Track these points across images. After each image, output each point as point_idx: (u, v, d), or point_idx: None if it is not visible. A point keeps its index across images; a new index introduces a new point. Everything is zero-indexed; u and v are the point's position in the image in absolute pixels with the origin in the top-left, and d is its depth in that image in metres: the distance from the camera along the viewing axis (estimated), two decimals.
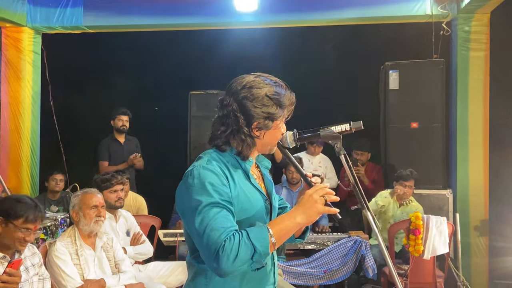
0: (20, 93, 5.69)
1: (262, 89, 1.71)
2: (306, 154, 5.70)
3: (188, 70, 6.13)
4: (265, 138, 1.76)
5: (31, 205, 2.72)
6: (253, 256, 1.56)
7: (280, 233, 1.62)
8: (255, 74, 1.77)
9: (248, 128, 1.72)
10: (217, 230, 1.55)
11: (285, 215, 1.66)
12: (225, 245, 1.53)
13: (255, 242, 1.56)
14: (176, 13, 5.51)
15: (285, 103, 1.74)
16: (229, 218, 1.60)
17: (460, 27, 5.04)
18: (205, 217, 1.58)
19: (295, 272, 4.20)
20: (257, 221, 1.72)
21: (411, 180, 4.65)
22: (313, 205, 1.64)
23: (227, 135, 1.73)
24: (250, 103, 1.70)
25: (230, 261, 1.52)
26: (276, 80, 1.77)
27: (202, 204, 1.59)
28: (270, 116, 1.72)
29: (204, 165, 1.67)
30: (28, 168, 5.73)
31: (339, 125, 1.90)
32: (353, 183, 1.88)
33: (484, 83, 5.00)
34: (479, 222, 4.98)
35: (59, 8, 5.54)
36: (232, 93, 1.74)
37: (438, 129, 5.07)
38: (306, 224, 1.69)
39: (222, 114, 1.75)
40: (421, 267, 4.09)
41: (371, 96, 5.62)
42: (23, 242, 2.69)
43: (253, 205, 1.72)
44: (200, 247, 1.61)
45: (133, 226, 4.06)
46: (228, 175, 1.69)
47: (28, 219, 2.66)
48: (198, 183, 1.63)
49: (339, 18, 5.37)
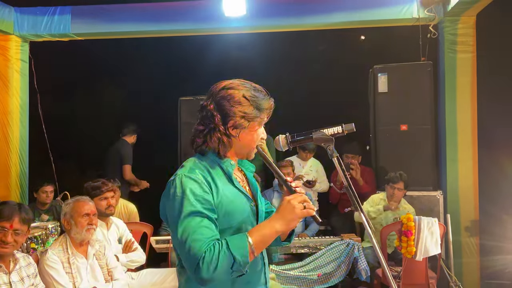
0: (8, 102, 5.63)
1: (240, 91, 1.75)
2: (297, 158, 5.71)
3: (178, 76, 6.13)
4: (241, 139, 1.77)
5: (11, 205, 2.71)
6: (233, 266, 1.58)
7: (260, 242, 1.64)
8: (236, 79, 1.82)
9: (224, 126, 1.74)
10: (198, 240, 1.58)
11: (264, 223, 1.69)
12: (205, 256, 1.56)
13: (235, 252, 1.58)
14: (164, 19, 5.49)
15: (262, 106, 1.77)
16: (211, 227, 1.62)
17: (447, 29, 5.10)
18: (187, 227, 1.60)
19: (288, 276, 4.19)
20: (245, 224, 1.74)
21: (400, 182, 4.68)
22: (292, 211, 1.66)
23: (205, 134, 1.76)
24: (227, 102, 1.74)
25: (210, 271, 1.56)
26: (256, 85, 1.81)
27: (183, 214, 1.61)
28: (246, 115, 1.74)
29: (186, 173, 1.69)
30: (17, 177, 5.67)
31: (331, 127, 1.91)
32: (346, 185, 1.89)
33: (471, 84, 5.06)
34: (470, 223, 5.01)
35: (47, 16, 5.51)
36: (211, 95, 1.78)
37: (427, 131, 5.11)
38: (285, 230, 1.71)
39: (201, 115, 1.79)
40: (414, 268, 4.11)
41: (360, 100, 5.66)
42: (0, 243, 2.64)
43: (239, 209, 1.74)
44: (182, 256, 1.64)
45: (125, 234, 4.03)
46: (211, 181, 1.70)
47: (2, 216, 2.64)
48: (180, 192, 1.65)
49: (327, 22, 5.39)
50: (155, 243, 4.31)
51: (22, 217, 2.71)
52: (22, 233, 2.74)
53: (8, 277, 2.69)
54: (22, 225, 2.73)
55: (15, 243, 2.70)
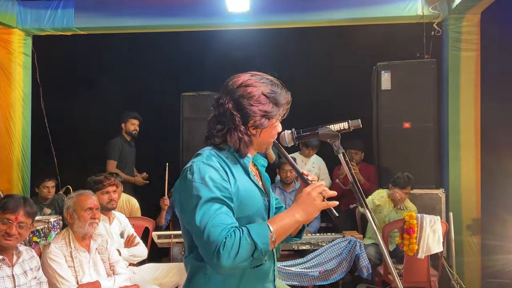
0: (11, 95, 5.63)
1: (258, 88, 1.72)
2: (299, 155, 5.70)
3: (180, 72, 6.11)
4: (261, 137, 1.76)
5: (16, 198, 2.71)
6: (254, 253, 1.55)
7: (280, 231, 1.62)
8: (250, 73, 1.77)
9: (245, 126, 1.72)
10: (218, 226, 1.54)
11: (284, 213, 1.66)
12: (226, 242, 1.52)
13: (256, 239, 1.55)
14: (167, 15, 5.48)
15: (281, 102, 1.75)
16: (229, 214, 1.59)
17: (451, 27, 5.09)
18: (205, 213, 1.56)
19: (290, 272, 4.19)
20: (256, 218, 1.72)
21: (408, 187, 4.66)
22: (312, 202, 1.65)
23: (224, 134, 1.73)
24: (246, 101, 1.70)
25: (231, 258, 1.51)
26: (272, 79, 1.78)
27: (202, 200, 1.58)
28: (267, 114, 1.72)
29: (204, 160, 1.66)
30: (19, 171, 5.67)
31: (338, 123, 1.90)
32: (351, 181, 1.88)
33: (475, 82, 5.05)
34: (472, 221, 5.01)
35: (50, 10, 5.50)
36: (228, 92, 1.74)
37: (430, 129, 5.10)
38: (305, 221, 1.70)
39: (218, 112, 1.75)
40: (415, 266, 4.11)
41: (364, 97, 5.64)
42: (5, 235, 2.64)
43: (253, 202, 1.72)
44: (200, 244, 1.59)
45: (127, 228, 4.03)
46: (228, 171, 1.68)
47: (7, 208, 2.64)
48: (198, 178, 1.61)
49: (330, 19, 5.38)
50: (157, 238, 4.31)
51: (27, 210, 2.70)
52: (26, 226, 2.74)
53: (11, 270, 2.69)
54: (27, 218, 2.73)
55: (19, 235, 2.69)
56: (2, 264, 2.64)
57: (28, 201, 2.75)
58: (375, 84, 5.38)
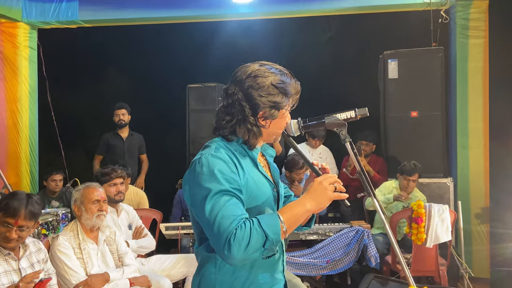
0: (17, 89, 5.65)
1: (267, 78, 1.69)
2: (306, 145, 5.68)
3: (186, 63, 6.10)
4: (271, 127, 1.74)
5: (19, 198, 2.60)
6: (265, 244, 1.54)
7: (291, 220, 1.60)
8: (259, 63, 1.75)
9: (254, 117, 1.70)
10: (228, 218, 1.54)
11: (295, 202, 1.65)
12: (236, 233, 1.51)
13: (267, 229, 1.54)
14: (172, 6, 5.47)
15: (290, 92, 1.73)
16: (239, 206, 1.59)
17: (459, 14, 5.03)
18: (215, 205, 1.56)
19: (297, 263, 4.19)
20: (266, 209, 1.71)
21: (415, 174, 4.63)
22: (324, 192, 1.63)
23: (233, 125, 1.71)
24: (255, 92, 1.68)
25: (242, 249, 1.51)
26: (281, 68, 1.76)
27: (212, 192, 1.57)
28: (276, 105, 1.70)
29: (213, 152, 1.65)
30: (27, 164, 5.71)
31: (344, 112, 1.88)
32: (359, 170, 1.87)
33: (483, 70, 4.99)
34: (480, 210, 4.99)
35: (54, 3, 5.50)
36: (237, 82, 1.72)
37: (437, 118, 5.06)
38: (315, 211, 1.68)
39: (226, 103, 1.73)
40: (424, 255, 4.10)
41: (370, 86, 5.60)
42: (5, 238, 2.57)
43: (262, 193, 1.71)
44: (211, 236, 1.58)
45: (134, 220, 4.05)
46: (237, 163, 1.67)
47: (8, 212, 2.55)
48: (207, 170, 1.60)
49: (336, 7, 5.33)
50: (165, 229, 4.32)
51: (28, 212, 2.59)
52: (28, 228, 2.65)
53: (17, 263, 2.68)
54: (28, 221, 2.62)
55: (19, 238, 2.62)
56: (8, 258, 2.63)
57: (31, 200, 2.63)
58: (382, 73, 5.33)
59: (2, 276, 2.57)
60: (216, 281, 1.68)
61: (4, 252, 2.62)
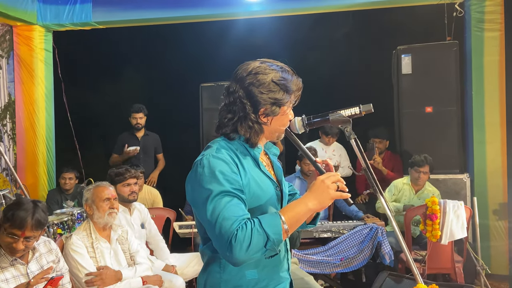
0: (34, 91, 5.75)
1: (268, 75, 1.69)
2: (319, 142, 5.65)
3: (198, 62, 6.12)
4: (272, 125, 1.73)
5: (25, 208, 2.56)
6: (266, 244, 1.54)
7: (293, 220, 1.59)
8: (260, 60, 1.75)
9: (255, 114, 1.70)
10: (229, 219, 1.54)
11: (296, 201, 1.64)
12: (237, 234, 1.51)
13: (268, 229, 1.54)
14: (184, 5, 5.50)
15: (291, 89, 1.72)
16: (240, 206, 1.59)
17: (474, 7, 4.94)
18: (216, 206, 1.56)
19: (311, 260, 4.18)
20: (269, 208, 1.71)
21: (425, 165, 4.59)
22: (325, 191, 1.61)
23: (234, 123, 1.71)
24: (256, 89, 1.68)
25: (243, 249, 1.51)
26: (282, 65, 1.75)
27: (213, 193, 1.57)
28: (277, 102, 1.69)
29: (214, 153, 1.65)
30: (44, 165, 5.81)
31: (349, 109, 1.86)
32: (364, 167, 1.85)
33: (499, 63, 4.90)
34: (498, 206, 4.90)
35: (68, 5, 5.58)
36: (237, 80, 1.72)
37: (453, 113, 4.99)
38: (318, 210, 1.67)
39: (228, 101, 1.73)
40: (439, 252, 4.04)
41: (384, 82, 5.54)
42: (12, 249, 2.56)
43: (264, 192, 1.70)
44: (213, 237, 1.60)
45: (147, 219, 4.07)
46: (238, 163, 1.67)
47: (15, 224, 2.52)
48: (208, 172, 1.61)
49: (350, 3, 5.30)
50: (178, 228, 4.35)
51: (35, 222, 2.56)
52: (34, 238, 2.64)
53: (26, 268, 2.68)
54: (35, 231, 2.59)
55: (26, 248, 2.62)
56: (16, 263, 2.63)
57: (37, 209, 2.60)
58: (395, 68, 5.28)
59: (11, 282, 2.58)
60: (221, 281, 1.69)
61: (11, 258, 2.63)
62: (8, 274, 2.60)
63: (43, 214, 2.64)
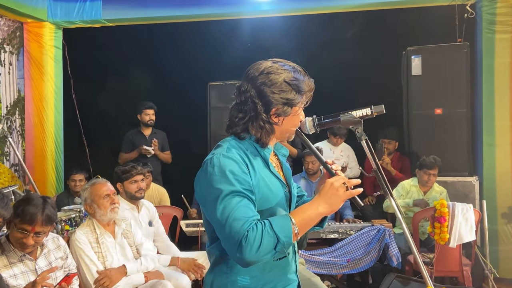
0: (43, 88, 5.78)
1: (280, 75, 1.68)
2: (327, 143, 5.63)
3: (207, 61, 6.12)
4: (283, 125, 1.72)
5: (35, 204, 2.58)
6: (276, 246, 1.53)
7: (303, 223, 1.59)
8: (272, 60, 1.74)
9: (267, 114, 1.69)
10: (239, 219, 1.53)
11: (307, 205, 1.63)
12: (248, 235, 1.51)
13: (278, 232, 1.53)
14: (193, 4, 5.50)
15: (303, 89, 1.71)
16: (250, 207, 1.58)
17: (485, 9, 4.90)
18: (227, 206, 1.55)
19: (318, 261, 4.17)
20: (278, 210, 1.70)
21: (435, 168, 4.57)
22: (335, 193, 1.60)
23: (245, 122, 1.70)
24: (268, 89, 1.67)
25: (254, 251, 1.50)
26: (294, 65, 1.74)
27: (223, 193, 1.57)
28: (289, 102, 1.68)
29: (224, 153, 1.64)
30: (52, 161, 5.83)
31: (360, 109, 1.85)
32: (374, 169, 1.84)
33: (510, 65, 4.85)
34: (507, 209, 4.86)
35: (79, 3, 5.60)
36: (249, 79, 1.71)
37: (463, 115, 4.95)
38: (328, 213, 1.66)
39: (239, 100, 1.72)
40: (447, 255, 4.02)
41: (394, 83, 5.51)
42: (22, 244, 2.58)
43: (273, 194, 1.70)
44: (222, 237, 1.59)
45: (155, 216, 4.08)
46: (248, 163, 1.66)
47: (25, 219, 2.54)
48: (219, 171, 1.60)
49: (360, 3, 5.27)
50: (185, 226, 4.36)
51: (45, 217, 2.58)
52: (44, 233, 2.66)
53: (34, 263, 2.69)
54: (45, 226, 2.62)
55: (36, 244, 2.64)
56: (24, 258, 2.65)
57: (47, 205, 2.62)
58: (405, 69, 5.24)
59: (19, 278, 2.59)
60: (228, 281, 1.68)
61: (20, 253, 2.64)
62: (17, 269, 2.62)
63: (53, 209, 2.65)
